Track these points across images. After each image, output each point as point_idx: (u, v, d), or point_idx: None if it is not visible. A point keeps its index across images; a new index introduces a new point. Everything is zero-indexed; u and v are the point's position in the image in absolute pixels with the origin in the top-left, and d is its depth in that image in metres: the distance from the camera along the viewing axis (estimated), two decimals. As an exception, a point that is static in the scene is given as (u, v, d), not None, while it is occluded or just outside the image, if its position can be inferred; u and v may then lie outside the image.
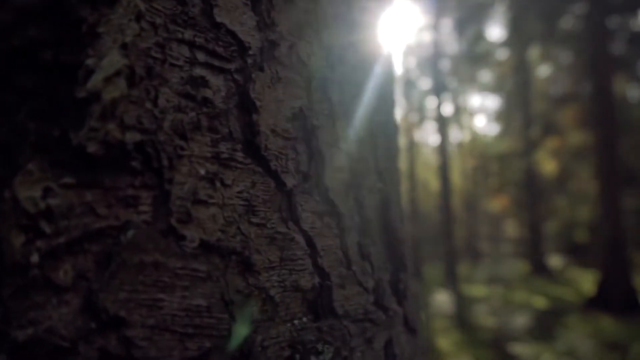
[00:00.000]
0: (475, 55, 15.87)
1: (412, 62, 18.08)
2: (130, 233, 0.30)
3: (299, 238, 0.38)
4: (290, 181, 0.38)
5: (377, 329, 0.42)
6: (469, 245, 23.87)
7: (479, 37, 16.13)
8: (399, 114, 0.74)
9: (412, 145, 15.93)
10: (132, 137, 0.31)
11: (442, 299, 9.48)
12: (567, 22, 13.38)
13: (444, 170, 12.81)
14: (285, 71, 0.39)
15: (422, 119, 23.96)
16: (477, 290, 12.27)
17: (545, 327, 8.10)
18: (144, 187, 0.31)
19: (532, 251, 16.04)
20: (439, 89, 13.48)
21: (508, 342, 7.38)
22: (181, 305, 0.31)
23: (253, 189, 0.36)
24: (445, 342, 8.13)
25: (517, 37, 15.26)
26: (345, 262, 0.41)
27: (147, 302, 0.30)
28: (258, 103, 0.36)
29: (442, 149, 12.45)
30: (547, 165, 18.73)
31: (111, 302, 0.29)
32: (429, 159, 26.19)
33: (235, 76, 0.36)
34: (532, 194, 15.97)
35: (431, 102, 17.61)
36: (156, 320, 0.30)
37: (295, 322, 0.36)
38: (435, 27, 13.68)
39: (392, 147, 0.57)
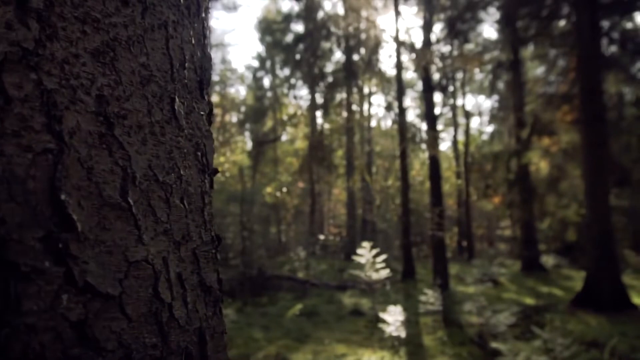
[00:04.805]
0: (467, 55, 15.85)
1: (409, 62, 18.08)
2: None
3: None
4: None
5: None
6: (462, 244, 23.85)
7: (471, 36, 16.11)
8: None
9: (406, 146, 15.90)
10: None
11: (430, 298, 9.48)
12: (559, 22, 13.35)
13: (433, 169, 12.81)
14: None
15: (422, 119, 24.00)
16: (467, 288, 12.27)
17: (530, 324, 8.11)
18: None
19: (525, 250, 16.03)
20: (430, 89, 13.48)
21: (490, 339, 7.39)
22: None
23: None
24: (429, 339, 8.14)
25: (510, 37, 15.23)
26: None
27: None
28: None
29: (432, 149, 12.45)
30: (540, 164, 18.69)
31: None
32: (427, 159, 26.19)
33: None
34: (525, 193, 15.95)
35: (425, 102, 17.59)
36: None
37: None
38: (426, 26, 13.69)
39: (137, 115, 0.57)
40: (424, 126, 23.06)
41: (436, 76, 15.11)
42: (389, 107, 22.10)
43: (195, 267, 0.69)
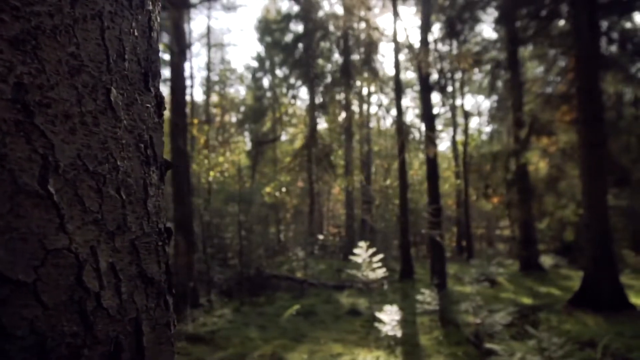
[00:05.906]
0: (465, 54, 15.83)
1: (407, 62, 18.05)
2: None
3: None
4: None
5: None
6: (462, 244, 23.82)
7: (470, 36, 16.09)
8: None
9: (405, 146, 15.89)
10: None
11: (427, 297, 9.47)
12: (558, 22, 13.31)
13: (430, 169, 12.80)
14: None
15: (421, 119, 23.96)
16: (464, 288, 12.25)
17: (526, 324, 8.09)
18: None
19: (524, 250, 16.01)
20: (428, 89, 13.47)
21: (486, 339, 7.38)
22: None
23: None
24: (426, 338, 8.14)
25: (508, 37, 15.22)
26: None
27: None
28: None
29: (429, 149, 12.44)
30: (539, 164, 18.66)
31: None
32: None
33: None
34: (523, 193, 15.93)
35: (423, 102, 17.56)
36: None
37: None
38: (424, 26, 13.67)
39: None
40: (423, 126, 23.07)
41: (435, 76, 15.09)
42: (383, 106, 22.11)
43: (134, 258, 0.68)
